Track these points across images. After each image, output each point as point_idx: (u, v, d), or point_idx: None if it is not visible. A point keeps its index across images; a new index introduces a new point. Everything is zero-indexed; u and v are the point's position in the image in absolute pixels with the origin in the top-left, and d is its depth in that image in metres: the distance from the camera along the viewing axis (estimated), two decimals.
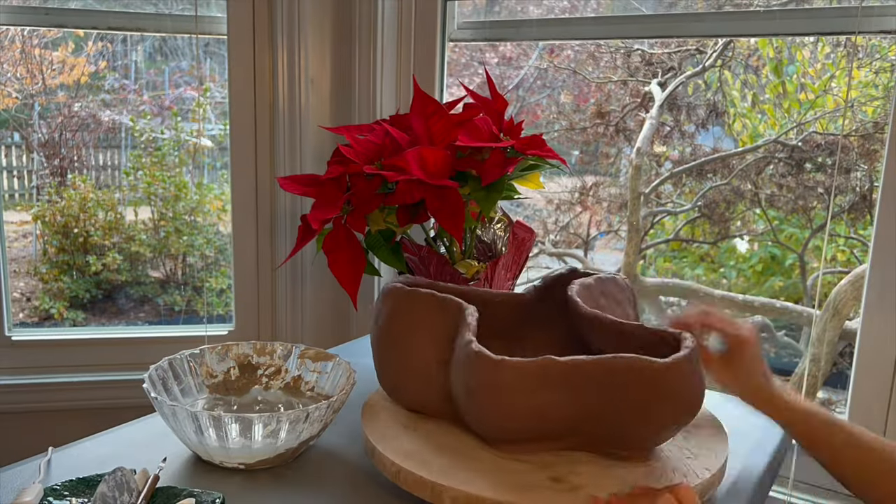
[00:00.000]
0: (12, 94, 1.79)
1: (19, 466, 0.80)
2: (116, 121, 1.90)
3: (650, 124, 1.94)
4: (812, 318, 1.82)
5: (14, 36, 1.77)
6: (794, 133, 1.80)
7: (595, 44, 1.93)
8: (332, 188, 1.02)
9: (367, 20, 1.54)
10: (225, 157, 1.83)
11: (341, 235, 1.01)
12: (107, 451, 0.85)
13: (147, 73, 1.92)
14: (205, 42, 1.73)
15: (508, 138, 1.05)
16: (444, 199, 0.97)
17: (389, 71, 1.58)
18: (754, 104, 1.89)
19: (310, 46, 1.58)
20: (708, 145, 1.96)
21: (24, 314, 1.91)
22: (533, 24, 1.52)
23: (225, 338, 1.71)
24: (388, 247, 1.06)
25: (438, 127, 1.02)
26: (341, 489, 0.79)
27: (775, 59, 1.79)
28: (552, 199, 2.14)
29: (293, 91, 1.59)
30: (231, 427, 0.77)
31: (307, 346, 0.97)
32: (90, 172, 1.92)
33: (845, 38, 1.62)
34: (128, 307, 1.95)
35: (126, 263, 1.92)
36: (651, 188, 2.00)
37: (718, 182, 1.95)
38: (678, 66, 1.91)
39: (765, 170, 1.88)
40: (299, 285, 1.66)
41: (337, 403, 0.83)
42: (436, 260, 1.04)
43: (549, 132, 2.04)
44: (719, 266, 2.08)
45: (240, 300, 1.70)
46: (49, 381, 1.63)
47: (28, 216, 1.92)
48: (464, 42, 1.61)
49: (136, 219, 1.94)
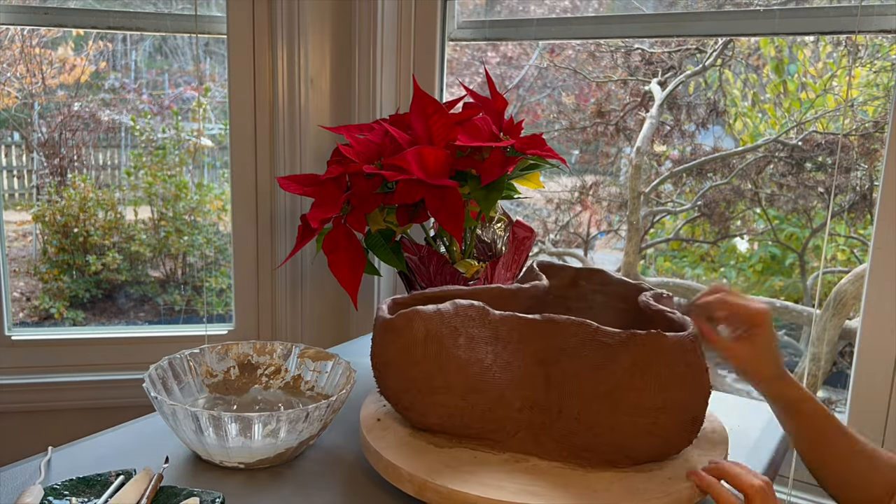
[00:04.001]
0: (12, 93, 1.79)
1: (19, 466, 0.80)
2: (116, 120, 1.90)
3: (650, 123, 1.94)
4: (812, 318, 1.82)
5: (14, 35, 1.76)
6: (794, 132, 1.80)
7: (595, 43, 1.93)
8: (332, 188, 1.02)
9: (367, 20, 1.54)
10: (225, 157, 1.83)
11: (341, 235, 1.01)
12: (107, 451, 0.85)
13: (147, 73, 1.92)
14: (205, 42, 1.73)
15: (508, 138, 1.05)
16: (443, 199, 0.97)
17: (389, 71, 1.58)
18: (755, 103, 1.89)
19: (310, 46, 1.58)
20: (708, 144, 1.96)
21: (23, 314, 1.91)
22: (533, 24, 1.52)
23: (225, 337, 1.71)
24: (388, 246, 1.06)
25: (438, 126, 1.02)
26: (341, 488, 0.79)
27: (776, 58, 1.79)
28: (552, 199, 2.14)
29: (293, 91, 1.59)
30: (230, 426, 0.77)
31: (307, 346, 0.97)
32: (90, 172, 1.92)
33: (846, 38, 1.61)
34: (128, 307, 1.95)
35: (126, 263, 1.92)
36: (651, 187, 2.00)
37: (718, 181, 1.95)
38: (678, 65, 1.91)
39: (765, 169, 1.88)
40: (299, 285, 1.66)
41: (337, 403, 0.83)
42: (436, 259, 1.04)
43: (550, 132, 2.04)
44: (719, 265, 2.07)
45: (240, 300, 1.70)
46: (49, 381, 1.63)
47: (28, 216, 1.92)
48: (464, 41, 1.61)
49: (136, 218, 1.94)
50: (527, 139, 1.06)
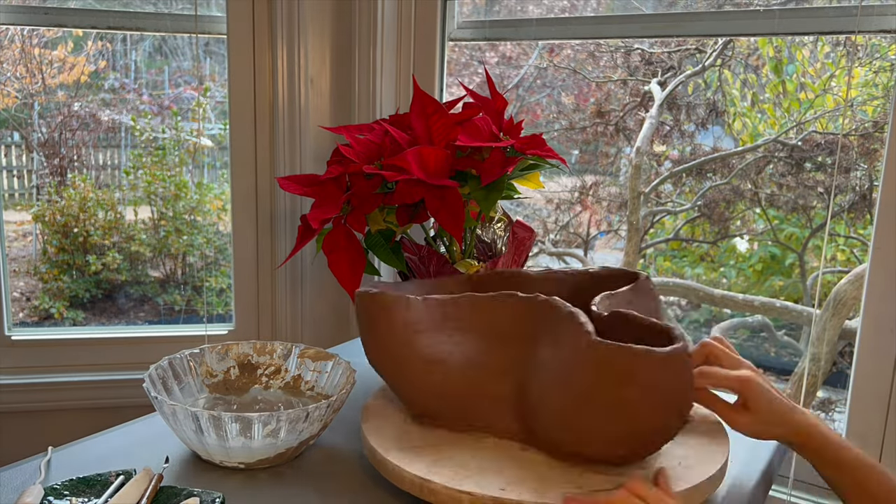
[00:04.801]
0: (12, 93, 1.79)
1: (19, 466, 0.80)
2: (116, 120, 1.90)
3: (650, 123, 1.94)
4: (812, 318, 1.82)
5: (14, 35, 1.76)
6: (793, 132, 1.80)
7: (595, 43, 1.93)
8: (333, 188, 1.02)
9: (367, 20, 1.54)
10: (225, 157, 1.83)
11: (341, 235, 1.01)
12: (107, 450, 0.85)
13: (147, 73, 1.92)
14: (205, 42, 1.73)
15: (508, 138, 1.05)
16: (443, 199, 0.97)
17: (389, 71, 1.58)
18: (754, 103, 1.89)
19: (310, 46, 1.58)
20: (708, 145, 1.96)
21: (23, 314, 1.91)
22: (533, 24, 1.52)
23: (225, 337, 1.71)
24: (387, 246, 1.06)
25: (438, 126, 1.02)
26: (341, 488, 0.79)
27: (775, 58, 1.79)
28: (552, 199, 2.14)
29: (293, 91, 1.59)
30: (231, 427, 0.77)
31: (307, 346, 0.97)
32: (90, 172, 1.92)
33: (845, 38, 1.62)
34: (128, 307, 1.95)
35: (126, 263, 1.92)
36: (651, 187, 2.00)
37: (718, 181, 1.95)
38: (678, 65, 1.91)
39: (765, 169, 1.88)
40: (299, 285, 1.66)
41: (337, 403, 0.83)
42: (436, 259, 1.04)
43: (549, 131, 2.04)
44: (719, 265, 2.07)
45: (240, 300, 1.70)
46: (49, 381, 1.63)
47: (28, 216, 1.92)
48: (464, 41, 1.61)
49: (136, 218, 1.94)
50: (527, 139, 1.06)
